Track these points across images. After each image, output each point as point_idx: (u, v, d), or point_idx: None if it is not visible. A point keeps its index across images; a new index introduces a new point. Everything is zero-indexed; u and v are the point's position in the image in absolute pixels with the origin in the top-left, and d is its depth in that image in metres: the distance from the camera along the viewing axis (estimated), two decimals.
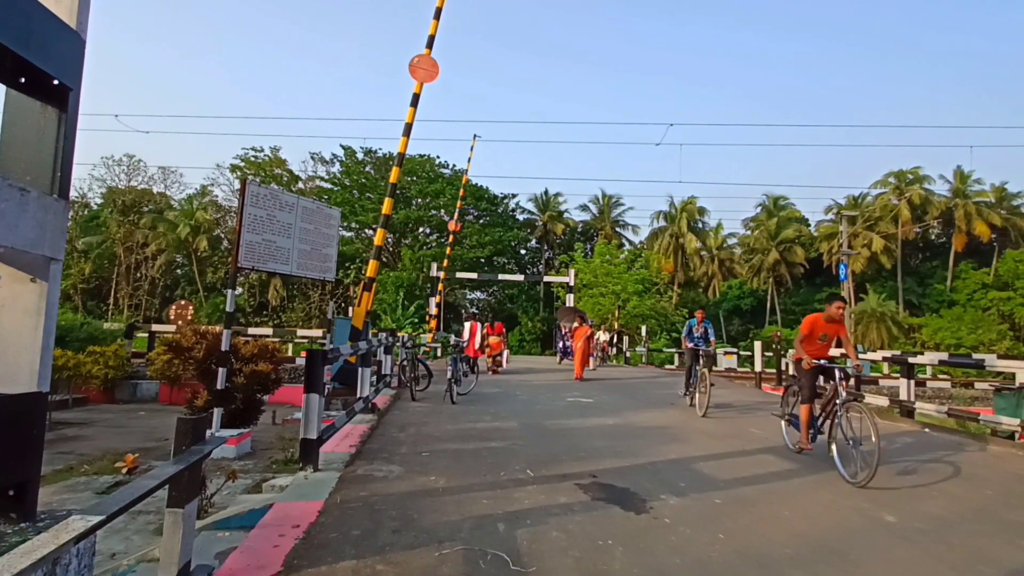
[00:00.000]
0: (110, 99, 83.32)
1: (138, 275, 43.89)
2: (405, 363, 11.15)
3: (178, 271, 46.95)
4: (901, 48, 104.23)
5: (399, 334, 14.89)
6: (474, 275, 35.08)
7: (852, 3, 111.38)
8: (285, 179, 44.26)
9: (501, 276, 37.57)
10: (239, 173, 43.40)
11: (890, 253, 43.83)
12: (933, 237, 48.04)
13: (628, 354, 26.30)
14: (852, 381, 10.14)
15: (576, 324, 15.48)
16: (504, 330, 18.31)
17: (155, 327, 18.26)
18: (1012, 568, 3.36)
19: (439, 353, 22.89)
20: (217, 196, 46.49)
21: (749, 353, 22.08)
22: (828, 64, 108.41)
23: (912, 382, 9.43)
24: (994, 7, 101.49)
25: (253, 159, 43.82)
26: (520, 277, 39.21)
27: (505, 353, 17.49)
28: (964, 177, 44.56)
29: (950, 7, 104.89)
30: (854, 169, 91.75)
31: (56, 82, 2.97)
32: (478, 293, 48.07)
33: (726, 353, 24.53)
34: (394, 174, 11.32)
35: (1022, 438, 7.41)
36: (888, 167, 63.47)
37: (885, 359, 11.31)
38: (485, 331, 16.19)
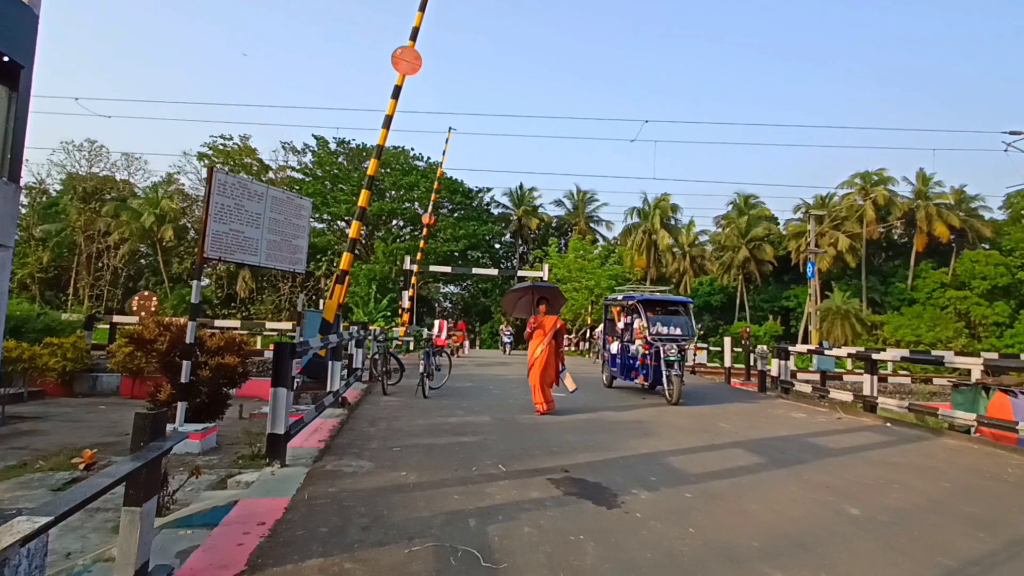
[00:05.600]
0: (70, 81, 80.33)
1: (99, 265, 42.54)
2: (377, 357, 11.03)
3: (142, 261, 45.62)
4: (875, 57, 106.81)
5: (371, 327, 14.73)
6: (447, 269, 34.93)
7: (825, 12, 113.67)
8: (255, 168, 43.33)
9: (475, 270, 37.47)
10: (207, 161, 42.32)
11: (855, 252, 45.01)
12: (896, 237, 49.45)
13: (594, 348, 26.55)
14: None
15: (539, 312, 8.89)
16: (466, 327, 26.98)
17: (116, 318, 17.69)
18: (969, 559, 3.46)
19: (411, 347, 22.75)
20: (184, 185, 45.32)
21: (719, 348, 22.46)
22: (801, 65, 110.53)
23: (875, 378, 9.68)
24: (963, 22, 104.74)
25: (222, 147, 42.81)
26: (494, 271, 39.10)
27: (465, 344, 24.30)
28: (926, 179, 45.98)
29: (922, 22, 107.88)
30: (823, 169, 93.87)
31: (6, 59, 2.81)
32: (451, 287, 47.80)
33: (696, 348, 24.94)
34: (372, 166, 11.13)
35: (978, 432, 7.67)
36: (855, 167, 65.18)
37: (850, 355, 11.60)
38: (452, 326, 22.63)
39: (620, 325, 11.66)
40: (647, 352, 10.43)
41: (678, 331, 10.34)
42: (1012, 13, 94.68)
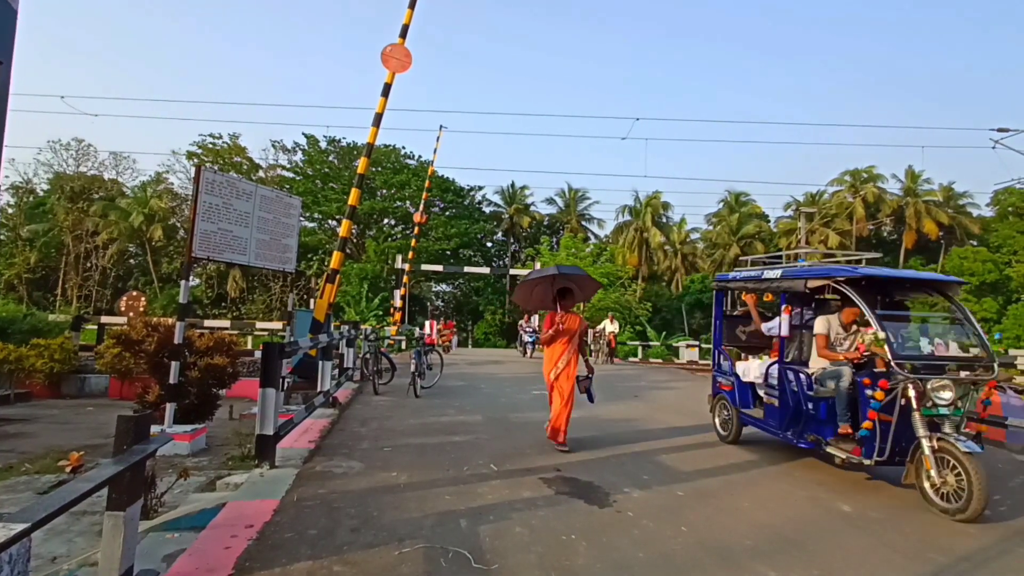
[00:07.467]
0: (57, 79, 79.39)
1: (88, 265, 42.05)
2: (368, 356, 10.96)
3: (131, 261, 45.13)
4: (866, 56, 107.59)
5: (363, 327, 14.66)
6: (439, 267, 34.84)
7: (813, 14, 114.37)
8: (245, 167, 42.93)
9: (467, 268, 37.36)
10: (196, 160, 41.93)
11: (845, 249, 45.32)
12: (885, 234, 49.80)
13: (593, 347, 26.61)
14: None
15: (559, 307, 6.20)
16: (454, 326, 29.59)
17: (104, 319, 17.49)
18: (960, 555, 3.47)
19: (403, 346, 22.68)
20: (172, 184, 44.79)
21: (710, 346, 22.51)
22: (796, 62, 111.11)
23: None
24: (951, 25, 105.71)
25: (211, 146, 42.38)
26: (486, 270, 39.04)
27: (453, 340, 25.96)
28: (915, 176, 46.36)
29: (912, 25, 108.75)
30: (813, 167, 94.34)
31: None
32: (443, 286, 47.68)
33: (688, 346, 25.02)
34: (362, 164, 11.08)
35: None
36: (845, 165, 65.68)
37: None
38: (441, 326, 25.10)
39: (766, 328, 6.30)
40: (882, 395, 4.51)
41: (953, 349, 4.97)
42: (1002, 10, 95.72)
